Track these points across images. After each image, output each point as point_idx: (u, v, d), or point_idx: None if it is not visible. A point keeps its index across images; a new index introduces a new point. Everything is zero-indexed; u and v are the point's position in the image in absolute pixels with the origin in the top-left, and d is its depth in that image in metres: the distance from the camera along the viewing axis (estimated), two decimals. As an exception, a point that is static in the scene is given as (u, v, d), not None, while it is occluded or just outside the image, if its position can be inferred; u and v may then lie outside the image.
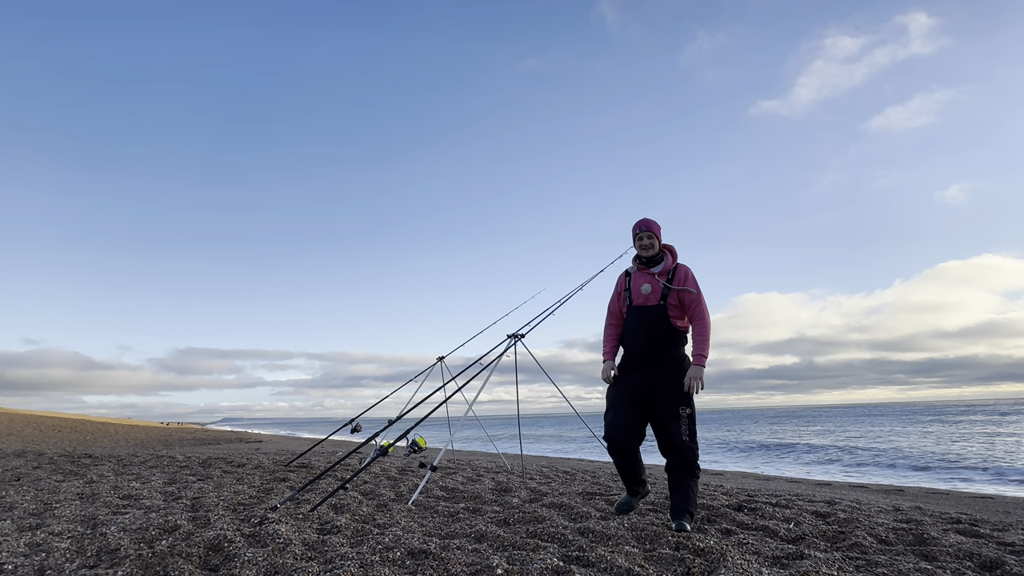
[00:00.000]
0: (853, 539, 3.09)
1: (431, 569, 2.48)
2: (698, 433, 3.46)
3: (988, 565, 2.70)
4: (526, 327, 5.36)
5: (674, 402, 3.43)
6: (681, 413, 3.41)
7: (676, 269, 3.61)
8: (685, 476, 3.43)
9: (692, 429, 3.41)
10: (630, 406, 3.54)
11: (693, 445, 3.41)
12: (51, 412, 40.59)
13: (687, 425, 3.40)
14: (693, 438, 3.41)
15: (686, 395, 3.43)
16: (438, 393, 5.64)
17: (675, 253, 3.72)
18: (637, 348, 3.60)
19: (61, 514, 3.75)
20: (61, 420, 25.50)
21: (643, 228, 3.65)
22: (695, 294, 3.53)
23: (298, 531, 3.15)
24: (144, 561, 2.57)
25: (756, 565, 2.57)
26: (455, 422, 6.75)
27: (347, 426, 7.48)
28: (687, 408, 3.42)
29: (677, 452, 3.41)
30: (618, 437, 3.56)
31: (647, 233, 3.64)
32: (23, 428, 17.77)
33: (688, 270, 3.61)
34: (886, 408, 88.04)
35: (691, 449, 3.40)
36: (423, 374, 7.62)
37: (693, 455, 3.41)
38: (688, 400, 3.43)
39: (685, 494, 3.38)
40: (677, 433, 3.40)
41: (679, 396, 3.43)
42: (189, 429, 29.23)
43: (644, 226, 3.65)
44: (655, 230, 3.65)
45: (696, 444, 3.43)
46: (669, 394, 3.44)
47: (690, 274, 3.59)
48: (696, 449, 3.42)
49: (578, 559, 2.63)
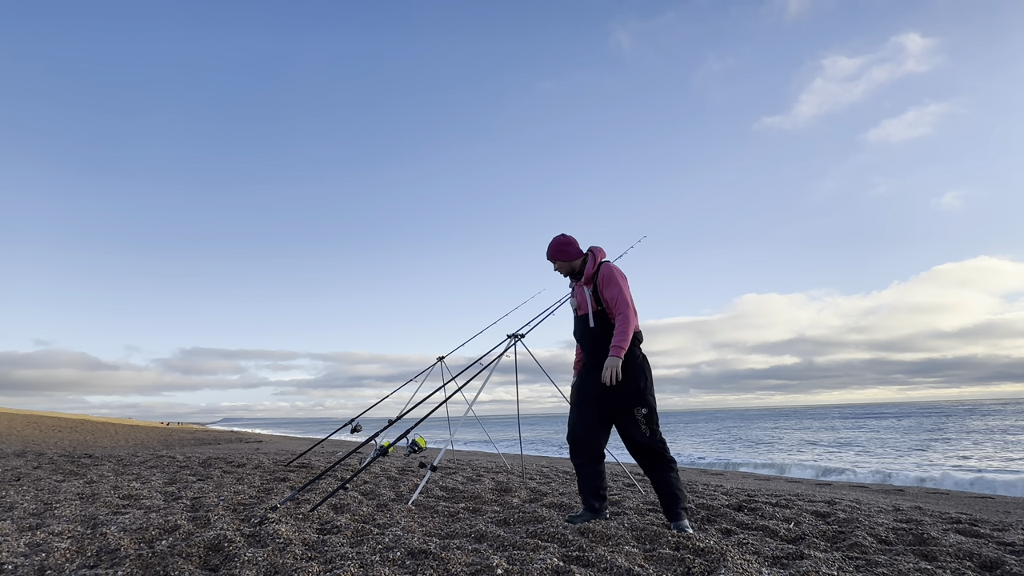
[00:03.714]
0: (853, 539, 3.09)
1: (431, 569, 2.48)
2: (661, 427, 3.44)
3: (988, 565, 2.70)
4: (526, 327, 5.36)
5: (627, 404, 3.41)
6: (636, 414, 3.39)
7: (598, 271, 3.59)
8: (661, 471, 3.40)
9: (652, 426, 3.39)
10: (587, 407, 3.57)
11: (657, 439, 3.38)
12: (51, 412, 40.59)
13: (645, 424, 3.38)
14: (655, 434, 3.39)
15: (640, 396, 3.40)
16: (438, 393, 5.64)
17: (597, 255, 3.68)
18: (586, 356, 3.65)
19: (61, 514, 3.75)
20: (61, 420, 25.50)
21: (549, 259, 3.72)
22: (615, 290, 3.49)
23: (298, 531, 3.15)
24: (144, 561, 2.57)
25: (756, 565, 2.57)
26: (455, 422, 6.75)
27: (347, 426, 7.48)
28: (642, 408, 3.39)
29: (644, 450, 3.40)
30: (575, 435, 3.61)
31: (554, 264, 3.71)
32: (23, 428, 17.77)
33: (611, 268, 3.57)
34: (886, 408, 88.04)
35: (657, 443, 3.38)
36: (423, 374, 7.62)
37: (660, 448, 3.38)
38: (641, 399, 3.40)
39: (670, 491, 3.37)
40: (637, 433, 3.39)
41: (631, 398, 3.41)
42: (189, 429, 29.23)
43: (549, 257, 3.71)
44: (559, 256, 3.67)
45: (660, 438, 3.40)
46: (621, 397, 3.42)
47: (612, 271, 3.55)
48: (662, 442, 3.39)
49: (578, 559, 2.63)
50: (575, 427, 3.62)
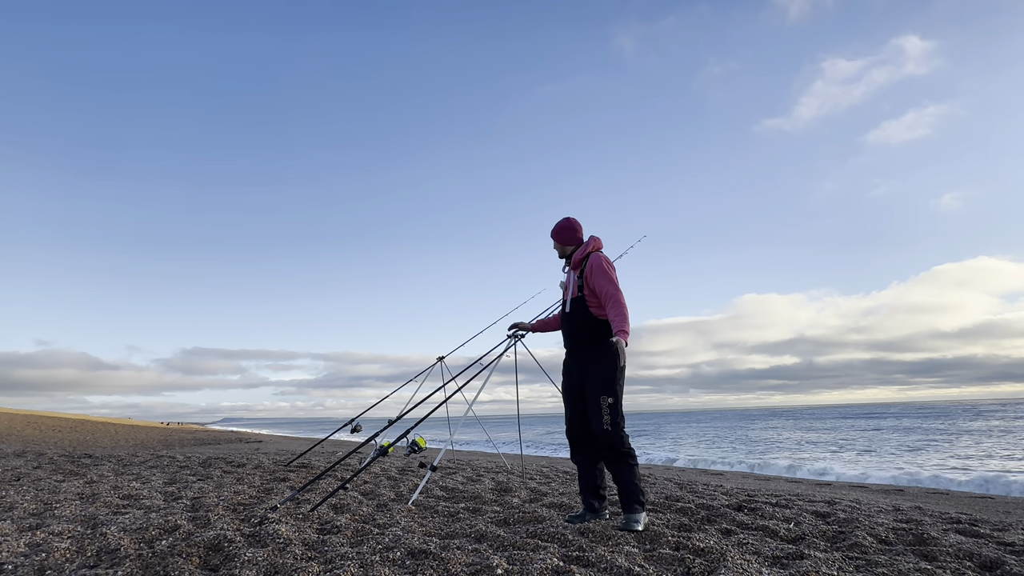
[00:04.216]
0: (853, 539, 3.09)
1: (431, 569, 2.48)
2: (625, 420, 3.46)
3: (988, 565, 2.70)
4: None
5: (595, 391, 3.46)
6: (602, 403, 3.42)
7: (587, 259, 3.65)
8: (619, 464, 3.43)
9: (615, 419, 3.41)
10: (570, 397, 3.66)
11: (616, 433, 3.40)
12: (52, 412, 40.58)
13: (609, 414, 3.41)
14: (616, 427, 3.41)
15: (608, 385, 3.43)
16: (438, 393, 5.63)
17: (592, 244, 3.73)
18: (564, 341, 3.74)
19: (61, 514, 3.75)
20: (61, 420, 25.49)
21: (551, 236, 3.84)
22: (604, 279, 3.53)
23: (298, 531, 3.15)
24: (144, 561, 2.57)
25: (756, 565, 2.57)
26: (455, 422, 6.75)
27: (347, 426, 7.47)
28: (608, 397, 3.42)
29: (605, 443, 3.42)
30: (572, 431, 3.67)
31: (554, 243, 3.84)
32: (23, 428, 17.77)
33: (599, 258, 3.61)
34: (886, 408, 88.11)
35: (616, 437, 3.39)
36: (423, 374, 7.61)
37: (618, 442, 3.40)
38: (610, 389, 3.43)
39: (625, 485, 3.40)
40: (599, 423, 3.42)
41: (600, 386, 3.45)
42: (189, 429, 29.22)
43: (551, 235, 3.84)
44: (559, 238, 3.80)
45: (620, 432, 3.42)
46: (592, 384, 3.48)
47: (601, 262, 3.58)
48: (621, 436, 3.41)
49: (578, 559, 2.63)
50: (570, 423, 3.68)
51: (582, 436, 3.64)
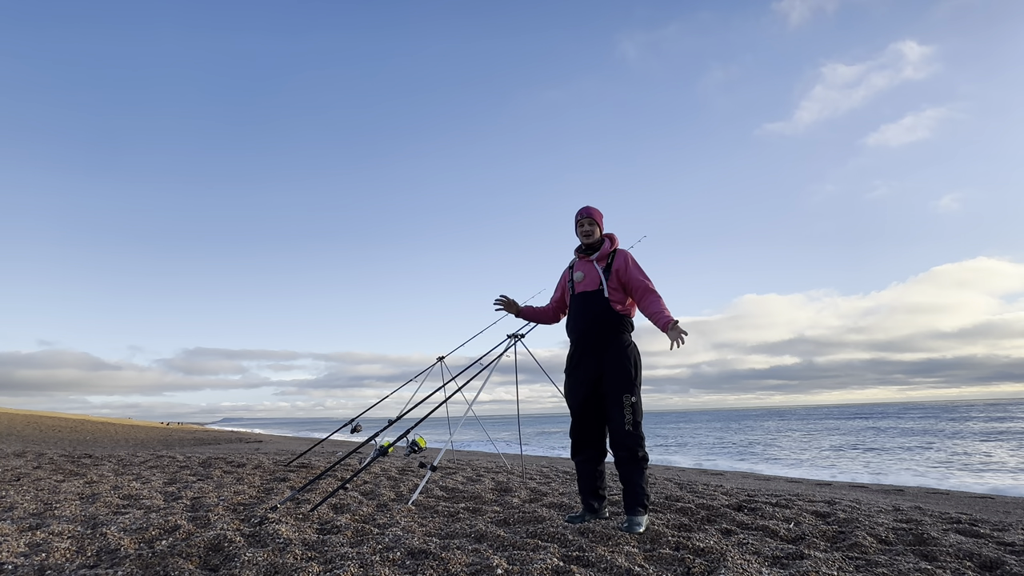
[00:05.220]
0: (853, 539, 3.09)
1: (431, 569, 2.49)
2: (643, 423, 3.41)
3: (988, 565, 2.70)
4: (526, 327, 5.35)
5: (618, 389, 3.37)
6: (624, 402, 3.34)
7: (615, 254, 3.61)
8: (633, 465, 3.35)
9: (636, 419, 3.35)
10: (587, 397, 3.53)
11: (637, 434, 3.34)
12: (52, 412, 40.57)
13: (631, 414, 3.33)
14: (637, 428, 3.35)
15: (631, 383, 3.37)
16: (438, 393, 5.64)
17: (615, 240, 3.71)
18: (578, 334, 3.60)
19: (61, 514, 3.75)
20: (61, 420, 25.49)
21: (584, 215, 3.65)
22: (639, 274, 3.51)
23: (298, 531, 3.15)
24: (144, 561, 2.57)
25: (756, 565, 2.57)
26: (455, 422, 6.75)
27: (347, 426, 7.47)
28: (631, 396, 3.35)
29: (622, 444, 3.35)
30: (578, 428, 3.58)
31: (588, 220, 3.64)
32: (23, 428, 17.77)
33: (628, 255, 3.60)
34: (886, 408, 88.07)
35: (636, 439, 3.33)
36: (423, 374, 7.61)
37: (638, 445, 3.34)
38: (632, 388, 3.36)
39: (632, 487, 3.34)
40: (620, 422, 3.33)
41: (623, 383, 3.37)
42: (189, 429, 29.21)
43: (585, 213, 3.66)
44: (596, 217, 3.66)
45: (640, 433, 3.36)
46: (613, 381, 3.39)
47: (630, 259, 3.57)
48: (641, 439, 3.35)
49: (578, 559, 2.63)
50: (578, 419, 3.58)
51: (588, 433, 3.56)
